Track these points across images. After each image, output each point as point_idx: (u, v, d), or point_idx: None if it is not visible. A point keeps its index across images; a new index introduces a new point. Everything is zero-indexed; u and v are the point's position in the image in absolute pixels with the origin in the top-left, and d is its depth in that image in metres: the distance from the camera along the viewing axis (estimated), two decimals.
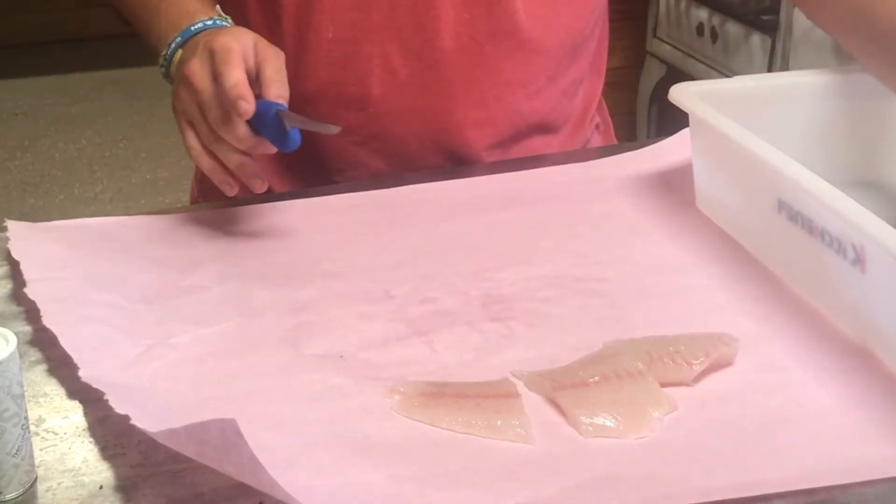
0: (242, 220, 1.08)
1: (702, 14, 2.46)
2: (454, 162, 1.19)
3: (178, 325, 0.90)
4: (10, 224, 1.02)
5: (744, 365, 0.86)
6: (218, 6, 1.10)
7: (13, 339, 0.72)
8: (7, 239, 1.00)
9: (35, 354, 0.86)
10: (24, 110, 3.98)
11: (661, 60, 2.66)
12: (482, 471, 0.75)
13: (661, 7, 2.63)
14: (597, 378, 0.82)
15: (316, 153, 1.17)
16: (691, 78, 2.14)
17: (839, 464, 0.75)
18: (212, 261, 1.00)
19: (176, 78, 1.04)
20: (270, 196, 1.08)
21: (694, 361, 0.84)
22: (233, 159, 1.00)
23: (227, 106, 0.97)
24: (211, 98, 0.99)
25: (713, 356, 0.85)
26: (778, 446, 0.77)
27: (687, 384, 0.84)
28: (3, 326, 0.73)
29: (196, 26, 1.06)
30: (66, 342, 0.83)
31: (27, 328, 0.89)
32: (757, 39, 2.28)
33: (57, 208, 3.30)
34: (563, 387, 0.82)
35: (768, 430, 0.79)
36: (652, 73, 2.71)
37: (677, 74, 2.55)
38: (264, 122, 0.99)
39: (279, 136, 0.99)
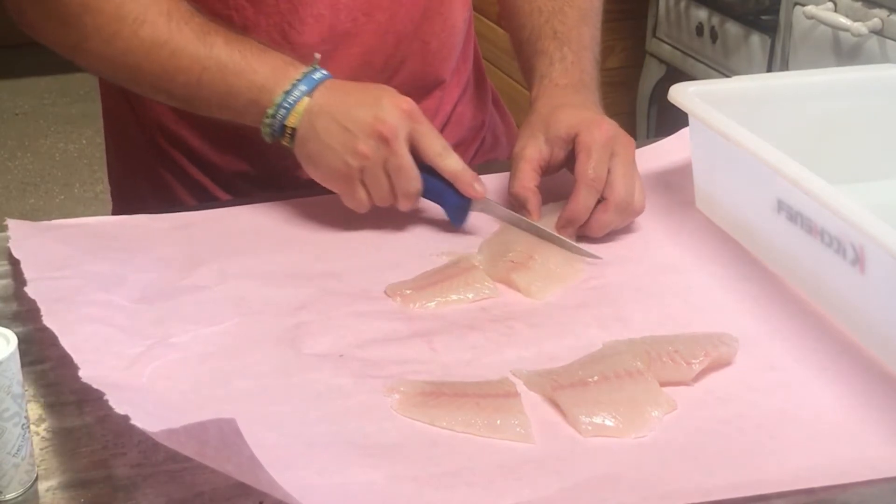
0: (243, 220, 1.08)
1: (701, 14, 2.46)
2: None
3: (178, 325, 0.90)
4: (11, 224, 1.02)
5: (743, 365, 0.86)
6: (317, 54, 1.04)
7: (13, 339, 0.72)
8: (7, 238, 1.00)
9: (35, 354, 0.86)
10: (24, 110, 3.97)
11: (661, 60, 2.66)
12: (481, 470, 0.75)
13: (660, 7, 2.62)
14: (596, 377, 0.82)
15: None
16: (691, 78, 2.14)
17: (839, 464, 0.76)
18: (212, 261, 1.00)
19: (336, 131, 0.99)
20: (270, 196, 1.08)
21: (693, 361, 0.84)
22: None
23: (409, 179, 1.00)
24: (410, 167, 1.00)
25: (712, 356, 0.85)
26: (777, 446, 0.77)
27: (686, 384, 0.84)
28: (3, 326, 0.73)
29: (317, 75, 1.01)
30: (66, 342, 0.83)
31: (27, 328, 0.89)
32: (756, 39, 2.28)
33: (57, 208, 3.30)
34: (562, 386, 0.82)
35: (768, 430, 0.79)
36: (651, 73, 2.71)
37: (677, 74, 2.54)
38: (445, 191, 1.03)
39: (457, 211, 1.04)
